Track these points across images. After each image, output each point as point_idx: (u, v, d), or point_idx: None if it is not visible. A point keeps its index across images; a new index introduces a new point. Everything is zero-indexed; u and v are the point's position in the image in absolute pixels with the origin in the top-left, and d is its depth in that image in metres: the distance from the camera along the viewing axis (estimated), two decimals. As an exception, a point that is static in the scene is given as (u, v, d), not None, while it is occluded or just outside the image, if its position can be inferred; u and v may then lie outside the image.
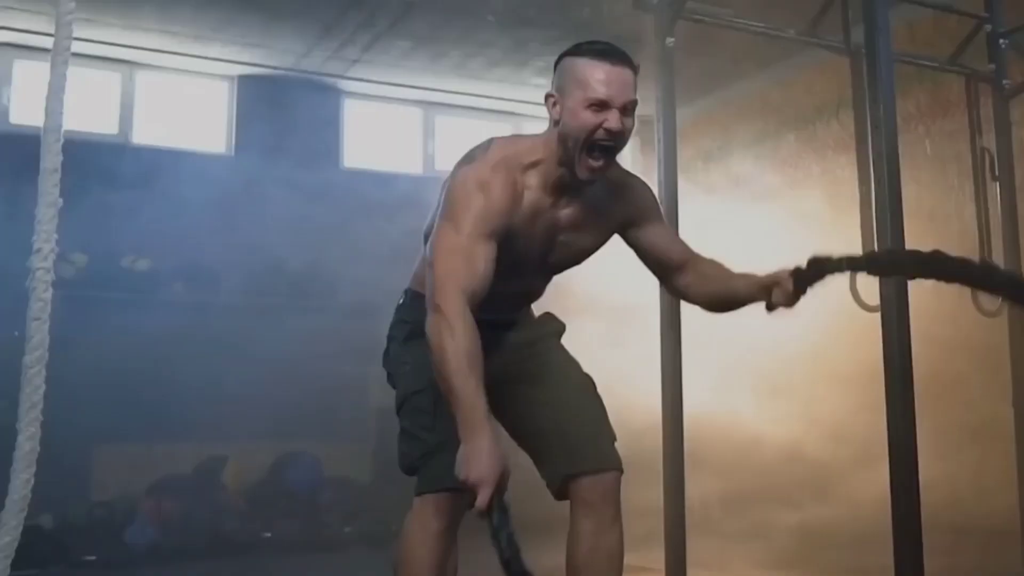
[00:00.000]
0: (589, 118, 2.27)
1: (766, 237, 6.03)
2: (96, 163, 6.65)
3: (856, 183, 4.62)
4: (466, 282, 2.18)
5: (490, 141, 2.44)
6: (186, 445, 6.74)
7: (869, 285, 3.91)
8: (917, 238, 3.10)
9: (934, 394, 5.11)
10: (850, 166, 4.83)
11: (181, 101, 7.75)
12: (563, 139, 2.32)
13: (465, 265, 2.20)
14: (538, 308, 2.78)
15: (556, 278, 2.65)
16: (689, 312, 2.78)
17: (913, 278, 2.25)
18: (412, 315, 2.48)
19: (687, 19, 3.92)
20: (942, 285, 2.12)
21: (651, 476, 4.37)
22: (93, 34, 6.81)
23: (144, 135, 7.53)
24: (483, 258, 2.23)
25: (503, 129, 7.88)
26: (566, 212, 2.43)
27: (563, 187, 2.39)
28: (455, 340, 2.10)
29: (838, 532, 5.30)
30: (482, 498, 2.00)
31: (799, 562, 5.13)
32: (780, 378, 6.21)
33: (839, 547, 5.20)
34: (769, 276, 2.39)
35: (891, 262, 2.22)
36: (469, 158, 2.40)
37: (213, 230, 7.07)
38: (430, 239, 2.34)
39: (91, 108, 7.35)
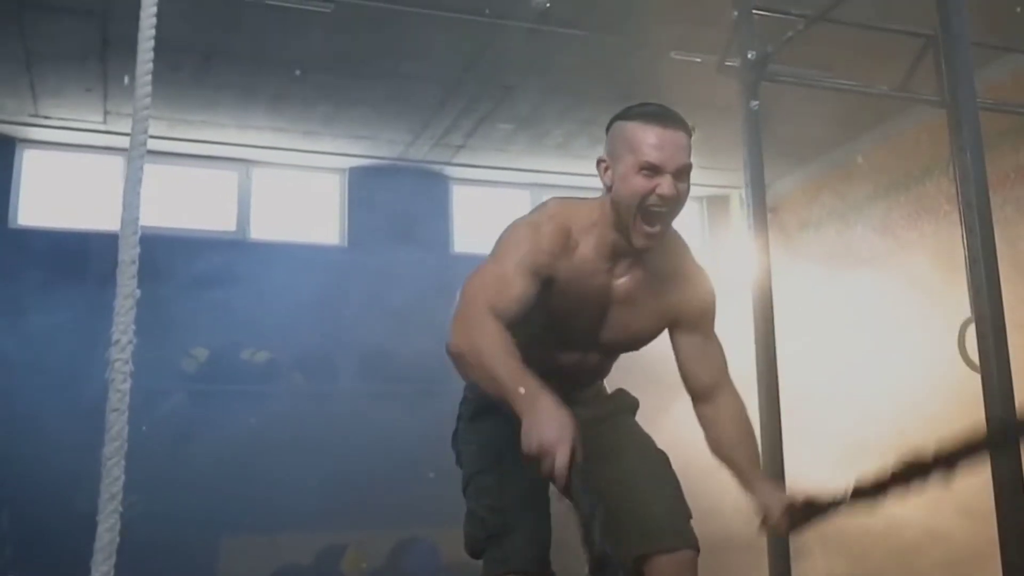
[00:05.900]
0: (641, 183, 2.18)
1: (878, 304, 5.80)
2: (216, 260, 6.91)
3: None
4: (495, 300, 2.07)
5: (548, 201, 2.40)
6: (308, 534, 6.78)
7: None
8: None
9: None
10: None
11: (296, 195, 7.98)
12: (615, 205, 2.24)
13: (496, 288, 2.11)
14: (644, 384, 2.67)
15: (661, 353, 2.52)
16: (803, 385, 2.61)
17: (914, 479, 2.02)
18: (475, 391, 2.44)
19: (771, 81, 3.82)
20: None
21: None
22: (209, 135, 7.12)
23: (261, 231, 7.74)
24: (519, 286, 2.13)
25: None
26: (621, 282, 2.34)
27: (618, 254, 2.31)
28: (486, 335, 1.98)
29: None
30: (560, 460, 1.77)
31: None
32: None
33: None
34: (764, 500, 2.28)
35: (876, 483, 2.05)
36: (527, 215, 2.35)
37: (330, 320, 7.24)
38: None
39: (211, 207, 7.65)
